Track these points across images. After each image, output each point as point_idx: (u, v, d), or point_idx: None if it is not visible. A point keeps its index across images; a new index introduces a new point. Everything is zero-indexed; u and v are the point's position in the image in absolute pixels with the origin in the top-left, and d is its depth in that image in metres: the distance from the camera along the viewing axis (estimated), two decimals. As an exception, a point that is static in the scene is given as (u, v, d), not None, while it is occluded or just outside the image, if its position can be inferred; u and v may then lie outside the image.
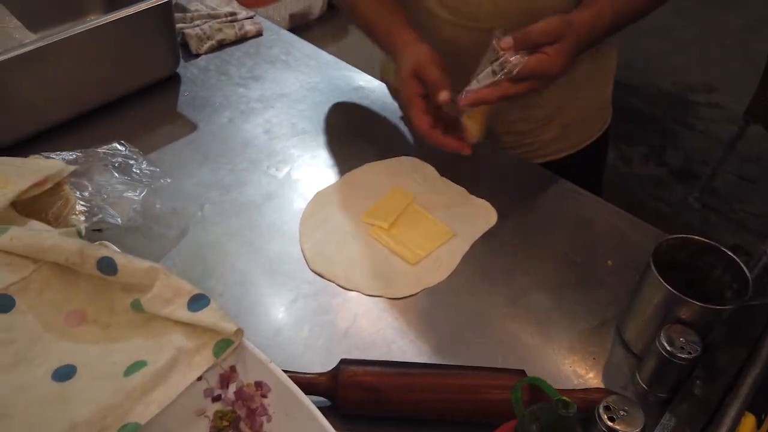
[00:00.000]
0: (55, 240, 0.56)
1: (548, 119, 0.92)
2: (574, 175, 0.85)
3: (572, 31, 0.69)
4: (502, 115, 0.91)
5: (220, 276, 0.69)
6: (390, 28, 0.80)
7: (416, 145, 0.87)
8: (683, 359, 0.54)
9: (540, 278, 0.70)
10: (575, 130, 0.95)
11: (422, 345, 0.63)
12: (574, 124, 0.94)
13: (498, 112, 0.76)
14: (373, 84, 0.99)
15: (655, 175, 2.27)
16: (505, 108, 0.90)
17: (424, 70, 0.73)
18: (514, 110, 0.91)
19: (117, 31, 0.83)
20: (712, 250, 0.59)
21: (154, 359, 0.53)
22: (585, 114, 0.95)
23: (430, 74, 0.72)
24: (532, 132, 0.93)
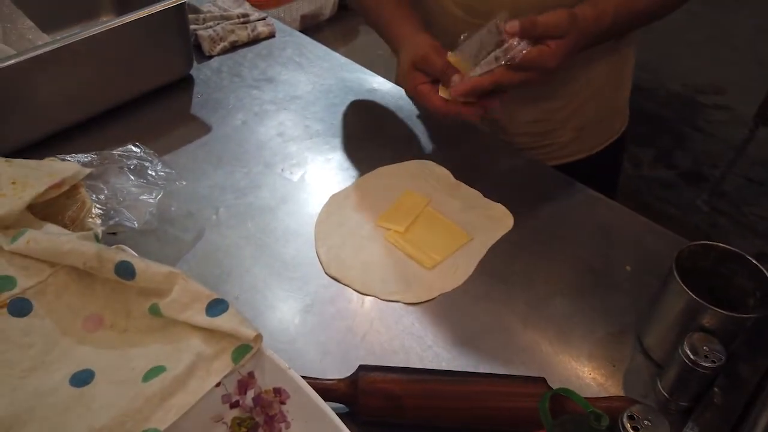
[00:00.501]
0: (74, 244, 0.56)
1: (565, 121, 0.91)
2: (589, 178, 0.84)
3: (576, 29, 0.69)
4: (518, 116, 0.90)
5: (235, 280, 0.69)
6: (391, 21, 0.80)
7: (432, 148, 0.87)
8: (706, 368, 0.53)
9: (558, 284, 0.69)
10: (592, 132, 0.94)
11: (440, 351, 0.63)
12: (591, 126, 0.93)
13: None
14: (387, 86, 0.98)
15: (663, 177, 2.26)
16: (521, 110, 0.90)
17: (426, 60, 0.72)
18: (530, 111, 0.90)
19: (131, 33, 0.83)
20: (735, 257, 0.59)
21: (173, 365, 0.52)
22: (602, 116, 0.94)
23: (435, 63, 0.72)
24: (549, 134, 0.92)
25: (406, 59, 0.74)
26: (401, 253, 0.72)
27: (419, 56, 0.73)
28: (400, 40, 0.78)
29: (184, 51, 0.94)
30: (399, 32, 0.79)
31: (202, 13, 1.08)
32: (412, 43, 0.75)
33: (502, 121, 0.91)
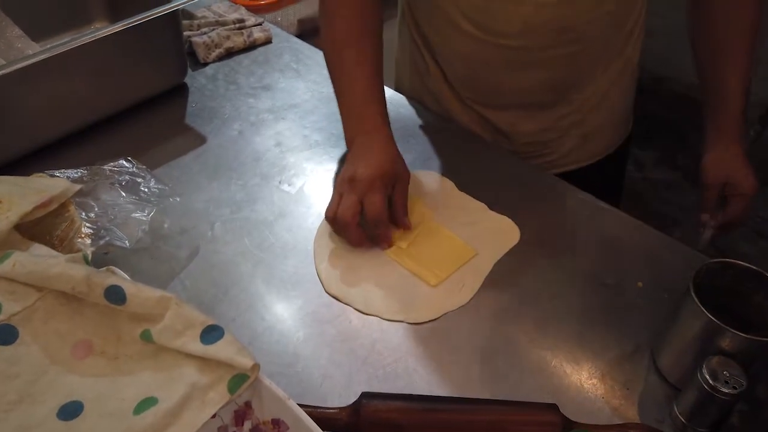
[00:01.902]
0: (62, 267, 0.53)
1: (569, 129, 0.89)
2: (593, 185, 0.82)
3: (733, 139, 0.79)
4: (523, 126, 0.88)
5: (232, 300, 0.66)
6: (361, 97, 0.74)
7: (433, 158, 0.84)
8: (727, 394, 0.51)
9: (567, 301, 0.67)
10: (596, 140, 0.92)
11: (445, 374, 0.60)
12: (595, 133, 0.91)
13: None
14: (387, 93, 0.95)
15: (667, 179, 2.23)
16: (526, 120, 0.87)
17: (398, 185, 0.71)
18: (535, 121, 0.88)
19: (123, 41, 0.80)
20: (754, 276, 0.56)
21: (166, 396, 0.50)
22: (607, 124, 0.92)
23: (401, 196, 0.71)
24: (553, 142, 0.90)
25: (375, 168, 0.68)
26: (404, 270, 0.69)
27: (393, 176, 0.70)
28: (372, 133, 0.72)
29: (178, 59, 0.91)
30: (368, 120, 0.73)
31: (197, 18, 1.05)
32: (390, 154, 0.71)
33: (506, 131, 0.89)
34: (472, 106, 0.89)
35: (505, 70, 0.81)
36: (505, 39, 0.78)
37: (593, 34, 0.78)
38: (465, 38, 0.80)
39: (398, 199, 0.71)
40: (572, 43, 0.78)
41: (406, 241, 0.71)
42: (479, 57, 0.81)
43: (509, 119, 0.87)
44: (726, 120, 0.80)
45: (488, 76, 0.83)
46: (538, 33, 0.76)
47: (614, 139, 0.96)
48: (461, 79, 0.87)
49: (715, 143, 0.81)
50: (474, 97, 0.88)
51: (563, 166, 0.92)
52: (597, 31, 0.78)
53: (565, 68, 0.81)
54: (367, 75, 0.74)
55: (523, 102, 0.85)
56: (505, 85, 0.83)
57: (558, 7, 0.74)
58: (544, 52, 0.78)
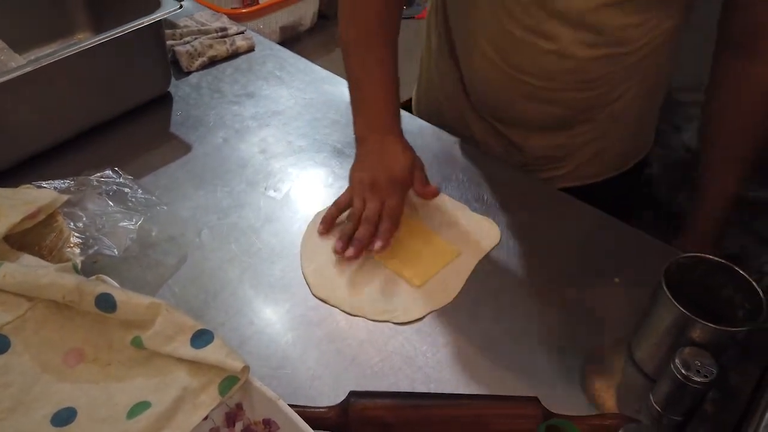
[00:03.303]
0: (52, 277, 0.54)
1: (582, 146, 0.88)
2: (605, 201, 0.81)
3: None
4: (536, 141, 0.88)
5: (220, 305, 0.67)
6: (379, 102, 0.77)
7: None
8: (699, 383, 0.53)
9: (548, 298, 0.69)
10: (612, 155, 0.90)
11: (431, 372, 0.62)
12: (610, 150, 0.89)
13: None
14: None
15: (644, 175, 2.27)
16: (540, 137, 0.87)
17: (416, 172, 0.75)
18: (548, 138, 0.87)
19: (108, 52, 0.81)
20: (723, 269, 0.58)
21: (158, 400, 0.51)
22: (623, 140, 0.89)
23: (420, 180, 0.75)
24: (565, 158, 0.89)
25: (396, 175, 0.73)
26: (389, 271, 0.71)
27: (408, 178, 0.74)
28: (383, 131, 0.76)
29: (162, 68, 0.92)
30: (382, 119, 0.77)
31: (179, 28, 1.06)
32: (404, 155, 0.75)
33: (519, 144, 0.89)
34: (485, 117, 0.89)
35: (521, 99, 0.82)
36: (527, 76, 0.79)
37: (615, 82, 0.79)
38: (489, 64, 0.80)
39: (416, 188, 0.75)
40: (591, 89, 0.79)
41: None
42: (499, 83, 0.82)
43: (523, 133, 0.87)
44: (705, 223, 0.82)
45: (505, 99, 0.83)
46: (558, 80, 0.78)
47: (630, 155, 0.93)
48: (478, 94, 0.87)
49: (686, 240, 0.82)
50: (489, 111, 0.88)
51: (574, 180, 0.90)
52: (618, 80, 0.79)
53: (582, 106, 0.82)
54: (385, 75, 0.77)
55: (537, 125, 0.86)
56: (521, 111, 0.84)
57: (580, 61, 0.75)
58: (563, 93, 0.80)
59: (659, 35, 0.76)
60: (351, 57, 0.79)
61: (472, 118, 0.91)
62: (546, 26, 0.73)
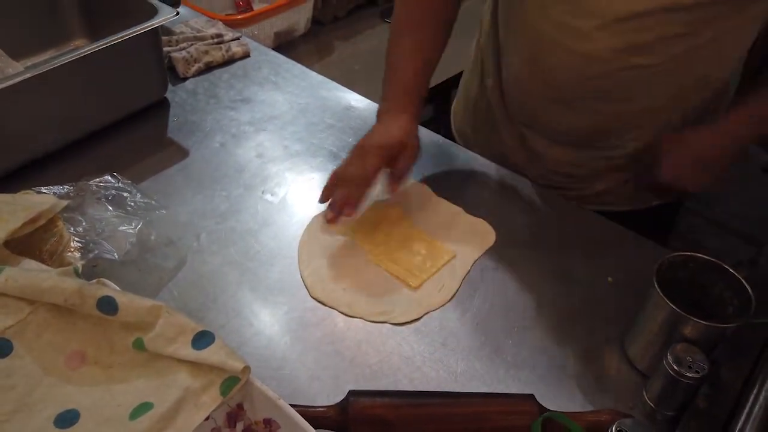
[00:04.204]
0: (54, 280, 0.55)
1: (604, 171, 0.85)
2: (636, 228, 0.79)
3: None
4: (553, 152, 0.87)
5: (220, 308, 0.68)
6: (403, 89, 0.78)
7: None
8: (691, 378, 0.54)
9: (542, 298, 0.70)
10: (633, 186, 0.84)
11: (429, 371, 0.63)
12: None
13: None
14: (364, 103, 0.98)
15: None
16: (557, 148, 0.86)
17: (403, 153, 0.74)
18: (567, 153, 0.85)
19: (106, 58, 0.82)
20: (713, 267, 0.60)
21: (160, 401, 0.51)
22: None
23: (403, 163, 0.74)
24: (585, 178, 0.87)
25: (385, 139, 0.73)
26: (386, 273, 0.72)
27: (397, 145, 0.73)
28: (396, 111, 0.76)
29: (159, 74, 0.93)
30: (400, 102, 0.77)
31: (175, 34, 1.07)
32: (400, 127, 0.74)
33: (540, 152, 0.87)
34: (515, 121, 0.89)
35: (543, 103, 0.82)
36: (553, 80, 0.78)
37: (640, 95, 0.76)
38: (521, 63, 0.81)
39: (399, 164, 0.74)
40: (612, 101, 0.77)
41: (378, 244, 0.74)
42: (525, 83, 0.82)
43: (546, 143, 0.86)
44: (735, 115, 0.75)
45: (529, 100, 0.84)
46: (584, 86, 0.76)
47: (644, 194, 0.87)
48: (511, 95, 0.87)
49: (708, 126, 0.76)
50: (518, 114, 0.87)
51: (599, 205, 0.86)
52: (644, 93, 0.76)
53: (598, 121, 0.80)
54: (414, 65, 0.78)
55: (557, 135, 0.85)
56: (546, 116, 0.83)
57: (606, 64, 0.73)
58: (584, 101, 0.78)
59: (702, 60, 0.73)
60: (390, 39, 0.81)
61: (503, 121, 0.90)
62: (576, 24, 0.71)
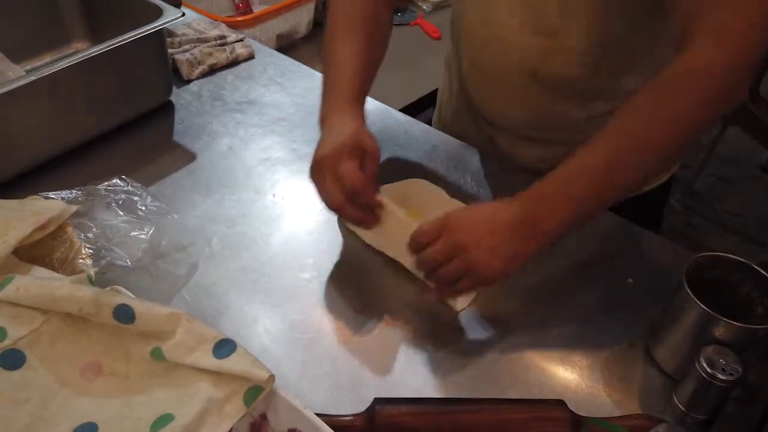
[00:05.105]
0: (68, 289, 0.53)
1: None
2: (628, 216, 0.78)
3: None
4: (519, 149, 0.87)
5: (234, 314, 0.66)
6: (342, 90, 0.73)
7: (421, 167, 0.86)
8: (724, 381, 0.53)
9: (563, 300, 0.69)
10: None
11: (453, 377, 0.61)
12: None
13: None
14: (372, 104, 0.97)
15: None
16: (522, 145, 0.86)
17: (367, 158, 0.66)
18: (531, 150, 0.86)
19: (110, 61, 0.80)
20: (742, 267, 0.59)
21: (182, 412, 0.50)
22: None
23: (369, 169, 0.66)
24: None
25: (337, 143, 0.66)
26: None
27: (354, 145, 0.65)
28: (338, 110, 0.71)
29: (164, 76, 0.91)
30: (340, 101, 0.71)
31: (178, 36, 1.05)
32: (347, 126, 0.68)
33: (508, 152, 0.88)
34: (479, 119, 0.89)
35: (489, 92, 0.83)
36: (486, 66, 0.81)
37: (565, 87, 0.78)
38: (466, 60, 0.83)
39: (366, 172, 0.65)
40: (545, 91, 0.78)
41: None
42: (472, 78, 0.85)
43: (511, 141, 0.87)
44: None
45: (479, 95, 0.85)
46: (510, 72, 0.78)
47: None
48: (467, 91, 0.89)
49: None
50: (478, 110, 0.89)
51: None
52: (573, 79, 0.77)
53: (539, 109, 0.81)
54: (354, 63, 0.74)
55: (513, 128, 0.86)
56: (494, 106, 0.85)
57: (523, 50, 0.75)
58: (519, 90, 0.80)
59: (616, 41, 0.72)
60: (326, 44, 0.77)
61: (471, 123, 0.92)
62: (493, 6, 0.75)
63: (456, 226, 0.60)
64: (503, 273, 0.59)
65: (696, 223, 2.09)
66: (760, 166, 2.30)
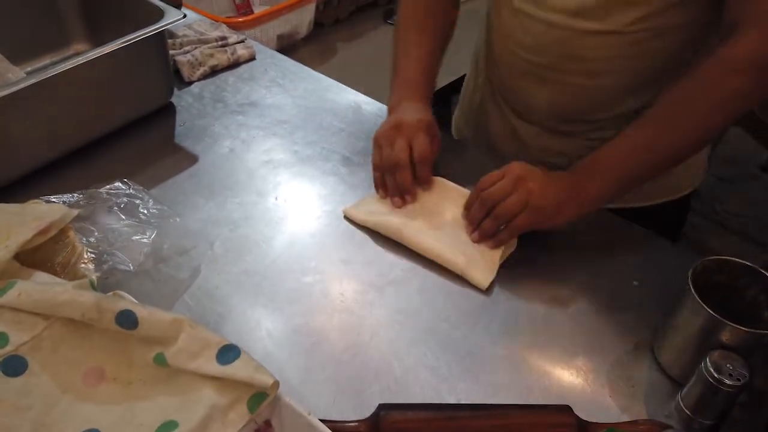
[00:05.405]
0: (70, 294, 0.53)
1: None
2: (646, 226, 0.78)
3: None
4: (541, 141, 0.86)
5: (237, 319, 0.66)
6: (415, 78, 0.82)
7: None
8: (731, 386, 0.53)
9: (567, 304, 0.69)
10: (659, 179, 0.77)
11: (456, 382, 0.61)
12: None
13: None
14: (374, 106, 0.97)
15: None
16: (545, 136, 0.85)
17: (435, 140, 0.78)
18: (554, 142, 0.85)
19: (111, 63, 0.80)
20: (748, 271, 0.59)
21: (186, 418, 0.49)
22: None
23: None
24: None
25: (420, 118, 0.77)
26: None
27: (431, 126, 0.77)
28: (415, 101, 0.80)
29: (165, 78, 0.91)
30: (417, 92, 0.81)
31: (178, 37, 1.05)
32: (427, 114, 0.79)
33: (528, 142, 0.87)
34: (502, 106, 0.89)
35: (522, 78, 0.81)
36: (523, 50, 0.78)
37: (607, 69, 0.75)
38: (499, 42, 0.83)
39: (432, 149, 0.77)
40: (580, 74, 0.76)
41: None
42: (503, 60, 0.83)
43: (534, 131, 0.86)
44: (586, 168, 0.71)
45: (508, 79, 0.84)
46: (547, 52, 0.76)
47: (669, 187, 0.87)
48: (498, 79, 0.88)
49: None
50: (503, 97, 0.88)
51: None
52: (611, 67, 0.75)
53: (572, 96, 0.79)
54: (421, 55, 0.83)
55: (539, 116, 0.84)
56: (525, 95, 0.83)
57: (566, 31, 0.73)
58: (554, 72, 0.78)
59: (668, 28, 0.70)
60: (396, 38, 0.86)
61: (494, 112, 0.90)
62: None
63: (519, 171, 0.71)
64: (557, 212, 0.70)
65: (696, 223, 2.09)
66: (760, 166, 2.30)
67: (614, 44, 0.72)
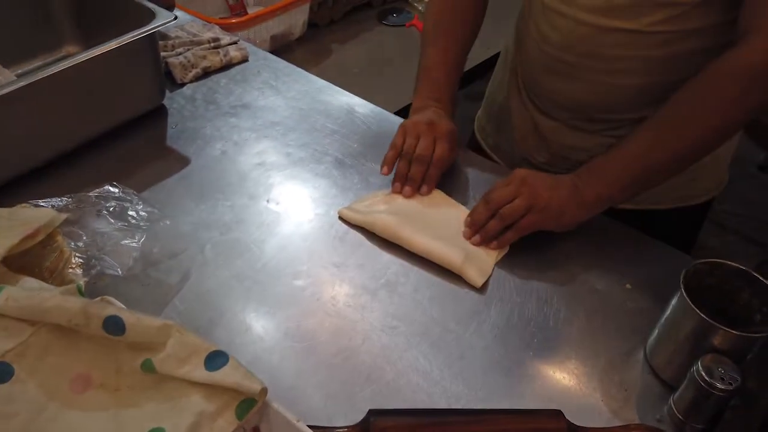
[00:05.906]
0: (57, 300, 0.52)
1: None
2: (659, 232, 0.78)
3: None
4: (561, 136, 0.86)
5: (228, 323, 0.65)
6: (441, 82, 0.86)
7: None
8: (723, 390, 0.52)
9: (560, 307, 0.68)
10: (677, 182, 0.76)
11: (448, 386, 0.60)
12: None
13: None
14: (368, 108, 0.96)
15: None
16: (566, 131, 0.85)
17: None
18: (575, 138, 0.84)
19: (102, 65, 0.79)
20: (740, 274, 0.58)
21: (173, 425, 0.49)
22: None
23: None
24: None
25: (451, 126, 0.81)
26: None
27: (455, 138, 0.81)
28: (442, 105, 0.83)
29: (156, 80, 0.90)
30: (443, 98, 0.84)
31: (171, 39, 1.04)
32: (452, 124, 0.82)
33: (548, 137, 0.87)
34: (525, 100, 0.89)
35: (546, 72, 0.82)
36: (548, 46, 0.79)
37: (629, 68, 0.75)
38: (529, 38, 0.84)
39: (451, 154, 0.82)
40: (604, 73, 0.76)
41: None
42: (532, 55, 0.84)
43: (554, 125, 0.86)
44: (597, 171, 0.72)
45: (534, 74, 0.85)
46: (574, 50, 0.77)
47: (690, 190, 0.86)
48: (522, 71, 0.89)
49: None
50: (527, 90, 0.88)
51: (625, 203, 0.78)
52: (633, 67, 0.75)
53: (596, 95, 0.79)
54: (445, 60, 0.87)
55: (562, 111, 0.84)
56: (549, 89, 0.84)
57: (591, 29, 0.73)
58: (579, 70, 0.78)
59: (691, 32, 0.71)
60: (423, 42, 0.90)
61: (517, 107, 0.91)
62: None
63: (525, 177, 0.72)
64: (561, 213, 0.71)
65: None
66: (758, 166, 2.30)
67: (638, 44, 0.73)
